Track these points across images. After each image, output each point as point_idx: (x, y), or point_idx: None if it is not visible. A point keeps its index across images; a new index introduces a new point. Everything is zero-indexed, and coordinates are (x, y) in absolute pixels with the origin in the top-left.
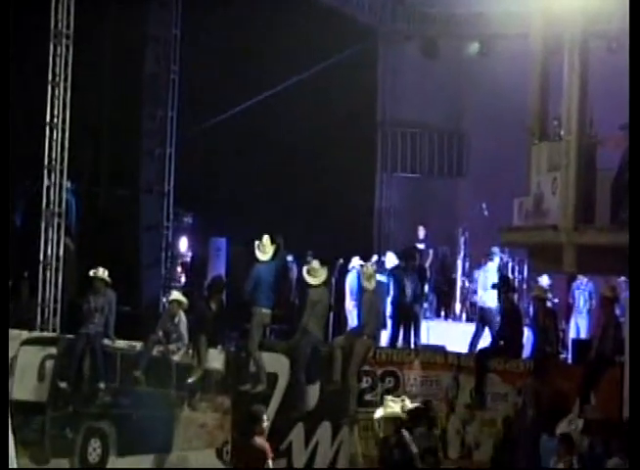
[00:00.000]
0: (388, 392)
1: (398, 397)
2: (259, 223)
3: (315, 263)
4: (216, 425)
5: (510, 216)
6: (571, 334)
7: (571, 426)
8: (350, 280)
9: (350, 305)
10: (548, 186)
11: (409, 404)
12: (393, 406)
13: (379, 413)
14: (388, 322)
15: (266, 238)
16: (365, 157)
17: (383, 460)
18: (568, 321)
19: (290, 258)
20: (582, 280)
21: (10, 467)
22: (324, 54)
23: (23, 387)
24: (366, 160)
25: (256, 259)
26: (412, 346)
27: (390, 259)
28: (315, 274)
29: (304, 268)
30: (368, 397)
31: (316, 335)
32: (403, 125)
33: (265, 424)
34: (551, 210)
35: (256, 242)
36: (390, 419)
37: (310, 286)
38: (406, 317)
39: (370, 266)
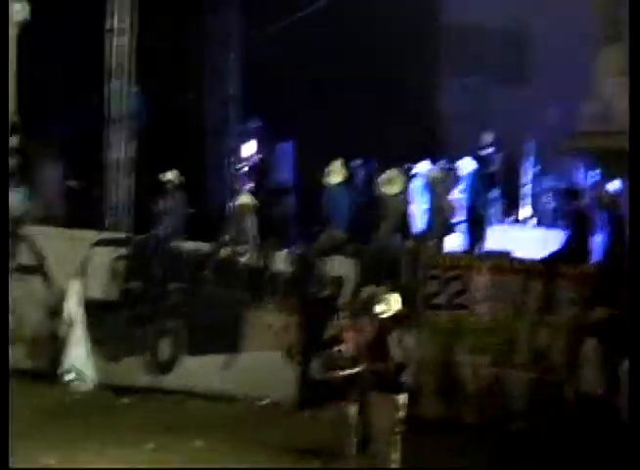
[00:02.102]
0: (455, 295)
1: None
2: (326, 128)
3: (391, 172)
4: (283, 326)
5: (578, 122)
6: None
7: None
8: (417, 185)
9: (417, 211)
10: (617, 90)
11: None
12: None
13: (382, 308)
14: (463, 227)
15: (337, 163)
16: (428, 61)
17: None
18: None
19: (359, 162)
20: None
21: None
22: None
23: (96, 286)
24: (429, 64)
25: (328, 183)
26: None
27: (466, 165)
28: (393, 183)
29: (380, 178)
30: (435, 301)
31: (385, 243)
32: (467, 29)
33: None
34: (620, 114)
35: (326, 168)
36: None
37: (388, 196)
38: (478, 222)
39: (437, 171)
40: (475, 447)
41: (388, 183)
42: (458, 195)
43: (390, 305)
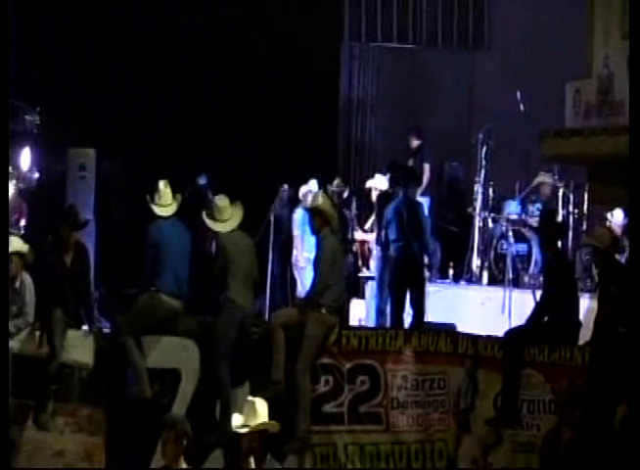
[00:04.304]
0: (362, 398)
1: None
2: (147, 124)
3: (221, 200)
4: (81, 453)
5: (560, 112)
6: None
7: None
8: (300, 218)
9: (301, 259)
10: (623, 63)
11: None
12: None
13: (238, 420)
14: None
15: (163, 185)
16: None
17: None
18: None
19: (202, 181)
20: None
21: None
22: None
23: None
24: (327, 24)
25: (154, 216)
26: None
27: (379, 184)
28: (221, 216)
29: (204, 213)
30: (329, 407)
31: (242, 308)
32: None
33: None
34: (627, 99)
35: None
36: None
37: (225, 236)
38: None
39: (322, 194)
40: None
41: (215, 216)
42: (367, 234)
43: (256, 415)
